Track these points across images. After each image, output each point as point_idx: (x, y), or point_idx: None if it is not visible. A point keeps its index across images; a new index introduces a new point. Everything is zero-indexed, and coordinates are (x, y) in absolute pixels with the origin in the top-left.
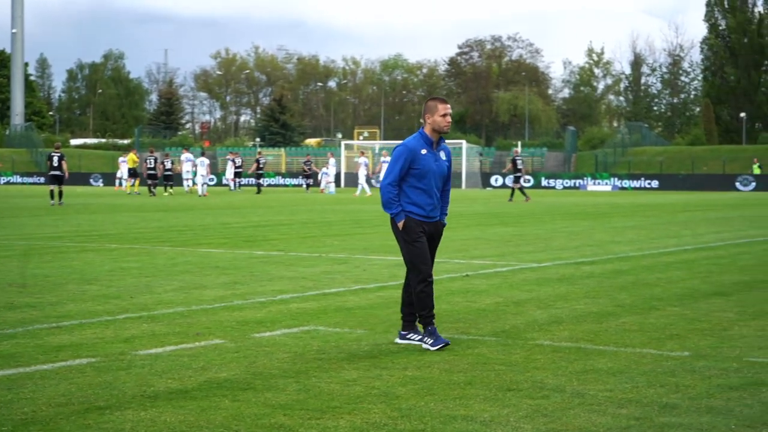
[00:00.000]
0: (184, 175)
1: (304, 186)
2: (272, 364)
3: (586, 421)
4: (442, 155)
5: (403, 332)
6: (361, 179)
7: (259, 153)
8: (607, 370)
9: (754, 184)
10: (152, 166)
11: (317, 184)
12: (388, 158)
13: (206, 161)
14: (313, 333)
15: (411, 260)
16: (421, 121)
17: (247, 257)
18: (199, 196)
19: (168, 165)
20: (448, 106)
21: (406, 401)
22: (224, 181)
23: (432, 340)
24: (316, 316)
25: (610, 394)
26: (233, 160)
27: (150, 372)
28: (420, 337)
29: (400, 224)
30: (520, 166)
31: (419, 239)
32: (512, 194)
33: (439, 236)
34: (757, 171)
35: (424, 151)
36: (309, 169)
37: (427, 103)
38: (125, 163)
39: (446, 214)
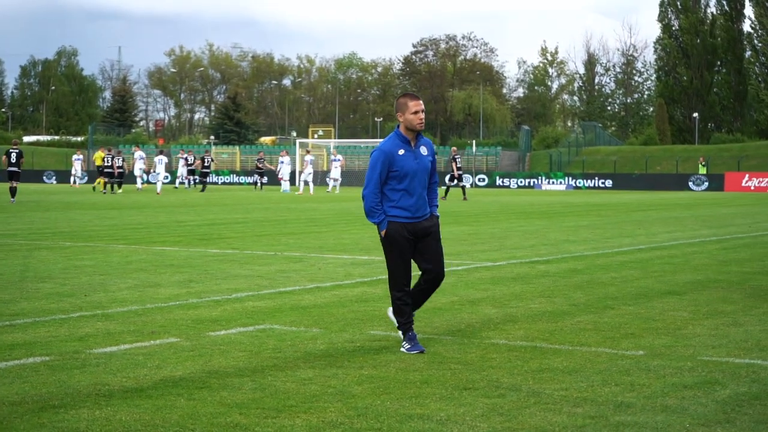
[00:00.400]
0: (136, 173)
1: (258, 184)
2: (228, 362)
3: (542, 420)
4: (423, 151)
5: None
6: (306, 176)
7: (207, 152)
8: (563, 369)
9: (707, 183)
10: (109, 164)
11: (278, 181)
12: (339, 157)
13: (165, 159)
14: (269, 332)
15: (391, 270)
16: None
17: (202, 255)
18: (157, 193)
19: (119, 163)
20: (420, 102)
21: (362, 400)
22: (179, 180)
23: (409, 345)
24: (272, 314)
25: (566, 393)
26: (185, 158)
27: (105, 371)
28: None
29: (383, 233)
30: (459, 165)
31: (402, 249)
32: (464, 192)
33: (432, 230)
34: (702, 170)
35: (401, 152)
36: (262, 166)
37: (398, 101)
38: (79, 161)
39: (437, 206)
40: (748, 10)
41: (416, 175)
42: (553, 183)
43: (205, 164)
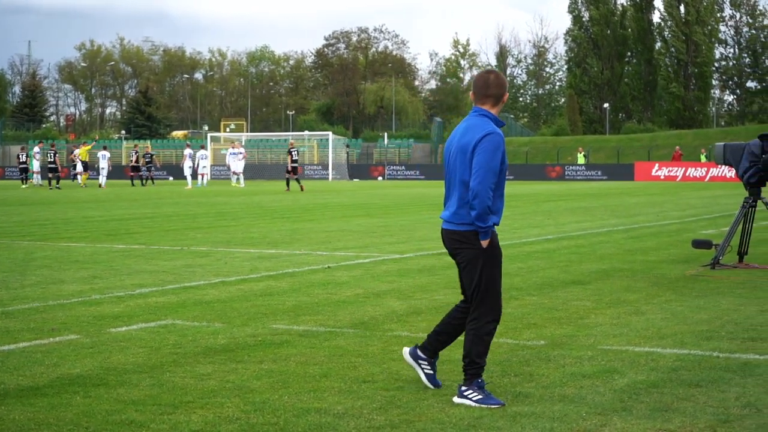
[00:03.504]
0: (34, 168)
1: (144, 180)
2: (127, 359)
3: (440, 411)
4: None
5: (420, 351)
6: (186, 171)
7: (135, 146)
8: None
9: (586, 173)
10: (52, 160)
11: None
12: (239, 150)
13: (107, 154)
14: (171, 327)
15: (489, 290)
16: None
17: (108, 251)
18: (100, 187)
19: (23, 159)
20: None
21: (260, 395)
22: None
23: (482, 396)
24: (175, 310)
25: None
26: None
27: (1, 369)
28: (431, 370)
29: (486, 242)
30: (296, 158)
31: (501, 262)
32: (288, 184)
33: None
34: (581, 161)
35: None
36: (149, 161)
37: (505, 80)
38: None
39: None
40: (658, 2)
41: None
42: None
43: (135, 160)
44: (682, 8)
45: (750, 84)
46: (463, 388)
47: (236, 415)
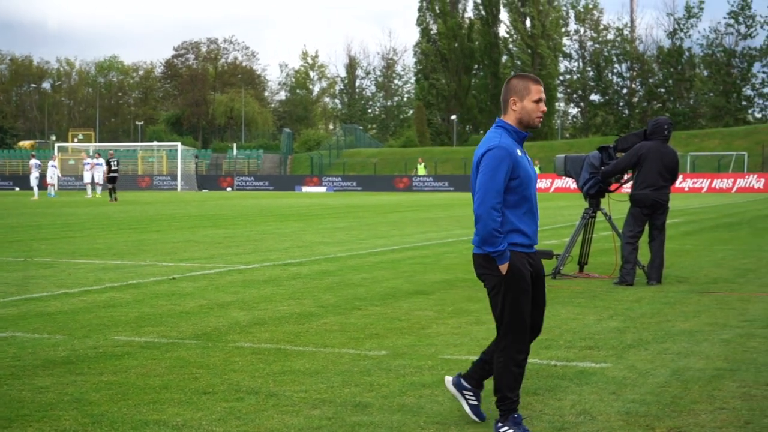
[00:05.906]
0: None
1: None
2: None
3: (279, 422)
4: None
5: (464, 380)
6: (33, 182)
7: None
8: (305, 371)
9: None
10: None
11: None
12: (100, 161)
13: None
14: (10, 339)
15: (512, 321)
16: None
17: None
18: None
19: None
20: (542, 88)
21: (98, 407)
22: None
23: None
24: (15, 322)
25: (305, 395)
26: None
27: None
28: (475, 401)
29: (504, 267)
30: (115, 167)
31: (527, 289)
32: (111, 194)
33: (543, 268)
34: (422, 171)
35: (519, 152)
36: None
37: (514, 83)
38: None
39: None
40: (504, 16)
41: (534, 186)
42: (313, 185)
43: None
44: (527, 22)
45: (594, 97)
46: (500, 425)
47: (74, 428)
